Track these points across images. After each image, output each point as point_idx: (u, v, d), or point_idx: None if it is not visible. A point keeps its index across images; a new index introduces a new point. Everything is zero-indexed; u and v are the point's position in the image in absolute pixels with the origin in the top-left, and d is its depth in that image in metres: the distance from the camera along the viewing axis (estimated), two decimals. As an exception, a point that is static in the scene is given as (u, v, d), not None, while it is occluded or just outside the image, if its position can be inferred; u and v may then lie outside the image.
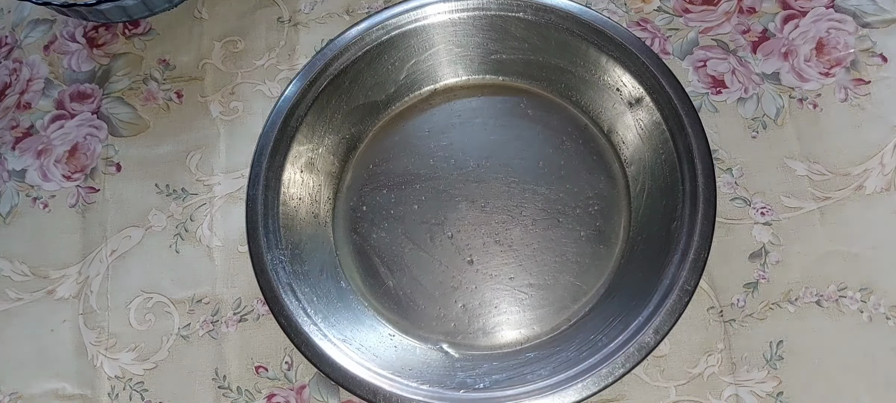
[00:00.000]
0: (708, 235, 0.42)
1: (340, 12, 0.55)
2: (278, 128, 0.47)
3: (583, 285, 0.46)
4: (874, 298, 0.44)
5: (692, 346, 0.44)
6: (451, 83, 0.52)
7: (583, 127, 0.50)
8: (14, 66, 0.57)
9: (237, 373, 0.46)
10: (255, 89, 0.54)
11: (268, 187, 0.46)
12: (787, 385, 0.43)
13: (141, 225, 0.51)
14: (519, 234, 0.47)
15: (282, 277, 0.44)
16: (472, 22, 0.49)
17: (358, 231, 0.49)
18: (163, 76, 0.55)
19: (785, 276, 0.45)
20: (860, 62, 0.50)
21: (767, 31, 0.51)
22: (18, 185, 0.53)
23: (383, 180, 0.50)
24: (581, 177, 0.48)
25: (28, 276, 0.50)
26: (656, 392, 0.44)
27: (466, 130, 0.51)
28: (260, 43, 0.55)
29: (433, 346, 0.45)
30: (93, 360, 0.48)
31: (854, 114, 0.48)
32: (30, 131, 0.54)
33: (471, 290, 0.47)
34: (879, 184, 0.47)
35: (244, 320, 0.48)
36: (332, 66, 0.49)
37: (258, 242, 0.45)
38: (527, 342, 0.45)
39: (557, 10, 0.48)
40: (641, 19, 0.52)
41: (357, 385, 0.42)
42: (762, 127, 0.49)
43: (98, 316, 0.48)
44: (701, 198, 0.43)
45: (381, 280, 0.47)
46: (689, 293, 0.41)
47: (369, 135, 0.51)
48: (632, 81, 0.47)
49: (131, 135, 0.53)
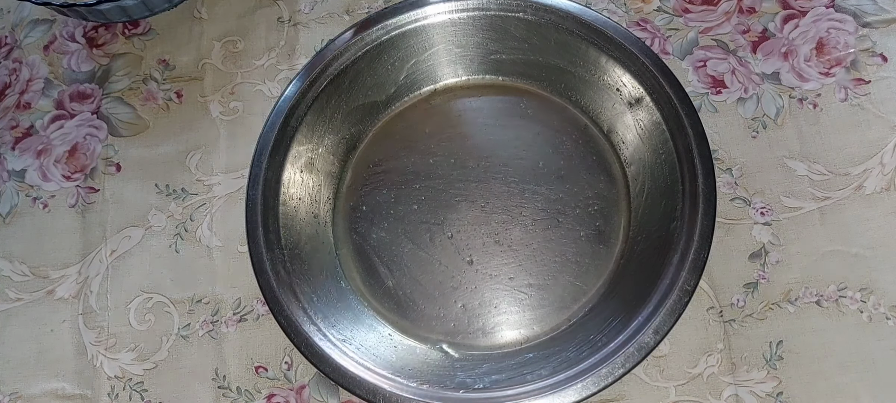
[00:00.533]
0: (708, 235, 0.42)
1: (340, 12, 0.55)
2: (278, 128, 0.47)
3: (583, 285, 0.46)
4: (874, 298, 0.44)
5: (692, 346, 0.44)
6: (451, 83, 0.52)
7: (583, 127, 0.50)
8: (14, 66, 0.57)
9: (237, 373, 0.46)
10: (255, 89, 0.54)
11: (268, 187, 0.46)
12: (786, 385, 0.43)
13: (141, 225, 0.51)
14: (519, 234, 0.47)
15: (282, 277, 0.44)
16: (472, 22, 0.49)
17: (358, 231, 0.49)
18: (163, 76, 0.55)
19: (785, 276, 0.45)
20: (860, 62, 0.50)
21: (767, 30, 0.51)
22: (18, 185, 0.53)
23: (383, 180, 0.50)
24: (581, 177, 0.48)
25: (28, 276, 0.50)
26: (656, 392, 0.44)
27: (466, 130, 0.51)
28: (260, 43, 0.55)
29: (433, 346, 0.45)
30: (93, 360, 0.48)
31: (854, 113, 0.48)
32: (30, 131, 0.54)
33: (471, 290, 0.46)
34: (879, 184, 0.47)
35: (244, 320, 0.48)
36: (332, 66, 0.49)
37: (258, 242, 0.45)
38: (527, 342, 0.45)
39: (557, 10, 0.48)
40: (641, 19, 0.52)
41: (357, 385, 0.42)
42: (762, 127, 0.49)
43: (98, 316, 0.48)
44: (701, 197, 0.43)
45: (380, 280, 0.47)
46: (689, 293, 0.41)
47: (369, 135, 0.51)
48: (632, 81, 0.47)
49: (131, 135, 0.53)
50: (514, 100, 0.51)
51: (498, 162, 0.49)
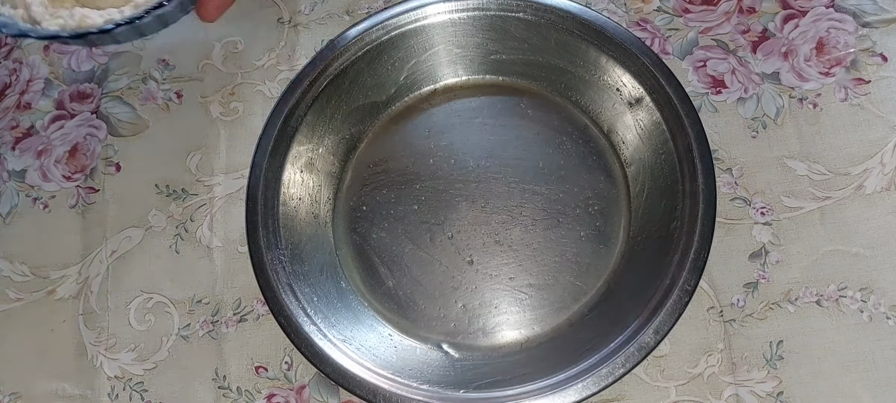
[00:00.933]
0: (708, 235, 0.42)
1: (340, 13, 0.55)
2: (278, 128, 0.47)
3: (583, 285, 0.46)
4: (874, 298, 0.44)
5: (692, 346, 0.44)
6: (451, 83, 0.52)
7: (583, 127, 0.50)
8: (14, 67, 0.57)
9: (237, 373, 0.46)
10: (255, 90, 0.54)
11: (268, 187, 0.46)
12: (787, 385, 0.43)
13: (141, 225, 0.51)
14: (519, 234, 0.47)
15: (282, 277, 0.44)
16: (472, 22, 0.49)
17: (358, 231, 0.49)
18: (162, 76, 0.55)
19: (785, 276, 0.45)
20: (860, 62, 0.50)
21: (767, 30, 0.51)
22: (18, 185, 0.53)
23: (383, 180, 0.50)
24: (581, 177, 0.48)
25: (28, 276, 0.50)
26: (656, 393, 0.44)
27: (466, 130, 0.51)
28: (260, 43, 0.55)
29: (433, 346, 0.45)
30: (93, 360, 0.48)
31: (854, 113, 0.48)
32: (30, 131, 0.54)
33: (471, 290, 0.46)
34: (879, 183, 0.47)
35: (244, 320, 0.48)
36: (332, 66, 0.48)
37: (258, 242, 0.45)
38: (527, 342, 0.45)
39: (557, 10, 0.48)
40: (641, 19, 0.52)
41: (357, 385, 0.42)
42: (762, 127, 0.49)
43: (98, 316, 0.48)
44: (701, 197, 0.43)
45: (381, 280, 0.47)
46: (689, 293, 0.41)
47: (369, 135, 0.51)
48: (632, 81, 0.47)
49: (131, 135, 0.53)
50: (514, 100, 0.51)
51: (498, 162, 0.49)
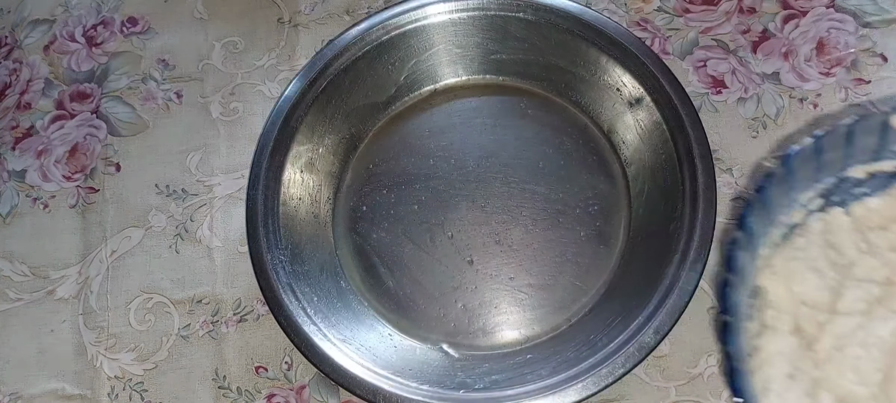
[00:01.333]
0: (708, 235, 0.42)
1: (340, 13, 0.55)
2: (278, 128, 0.47)
3: (583, 285, 0.46)
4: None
5: (692, 346, 0.44)
6: (451, 83, 0.52)
7: (583, 127, 0.50)
8: (14, 67, 0.57)
9: (237, 373, 0.46)
10: (255, 90, 0.54)
11: (268, 187, 0.46)
12: (787, 385, 0.43)
13: (141, 225, 0.51)
14: (519, 234, 0.47)
15: (282, 277, 0.44)
16: (472, 22, 0.49)
17: (358, 231, 0.49)
18: (162, 76, 0.55)
19: (785, 276, 0.45)
20: (860, 62, 0.50)
21: (767, 30, 0.51)
22: (18, 185, 0.53)
23: (383, 180, 0.50)
24: (581, 177, 0.48)
25: (28, 276, 0.50)
26: (656, 393, 0.44)
27: (466, 130, 0.51)
28: (260, 43, 0.55)
29: (433, 346, 0.45)
30: (93, 360, 0.48)
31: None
32: (30, 131, 0.54)
33: (471, 290, 0.46)
34: (879, 183, 0.47)
35: (244, 320, 0.48)
36: (332, 66, 0.49)
37: (258, 242, 0.45)
38: (527, 342, 0.45)
39: (557, 10, 0.48)
40: (641, 19, 0.52)
41: (357, 385, 0.42)
42: (762, 127, 0.49)
43: (98, 316, 0.48)
44: (701, 198, 0.43)
45: (381, 280, 0.47)
46: (689, 293, 0.41)
47: (369, 135, 0.51)
48: (632, 81, 0.47)
49: (131, 135, 0.53)
50: (514, 100, 0.51)
51: (498, 162, 0.49)
